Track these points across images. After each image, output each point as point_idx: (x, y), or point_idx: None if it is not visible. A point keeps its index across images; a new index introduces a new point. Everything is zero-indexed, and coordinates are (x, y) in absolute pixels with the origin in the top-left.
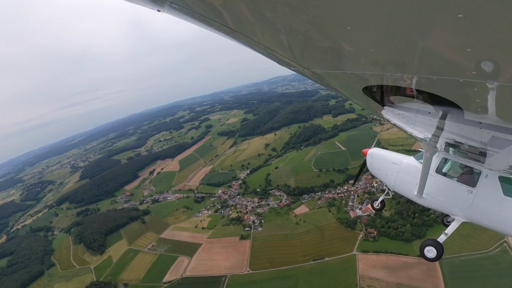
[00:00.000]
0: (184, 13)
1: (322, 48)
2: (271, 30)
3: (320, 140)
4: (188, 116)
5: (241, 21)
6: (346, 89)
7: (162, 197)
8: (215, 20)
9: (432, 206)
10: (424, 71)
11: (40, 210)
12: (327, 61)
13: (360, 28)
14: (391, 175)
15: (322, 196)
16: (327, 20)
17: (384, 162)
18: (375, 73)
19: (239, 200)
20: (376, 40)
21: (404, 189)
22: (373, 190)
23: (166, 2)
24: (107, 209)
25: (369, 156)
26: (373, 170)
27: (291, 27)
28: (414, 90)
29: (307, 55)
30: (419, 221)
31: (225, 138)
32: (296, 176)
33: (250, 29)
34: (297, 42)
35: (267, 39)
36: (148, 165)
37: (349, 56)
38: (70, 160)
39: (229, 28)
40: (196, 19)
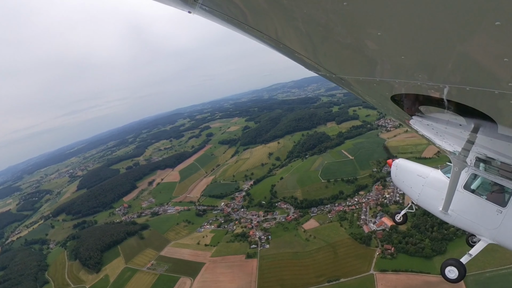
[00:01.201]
0: (214, 14)
1: (351, 54)
2: (300, 35)
3: (326, 148)
4: (188, 124)
5: (270, 24)
6: (374, 96)
7: (162, 209)
8: (244, 22)
9: (457, 224)
10: (457, 80)
11: (36, 221)
12: (355, 67)
13: (390, 34)
14: (416, 188)
15: (332, 209)
16: (357, 25)
17: (409, 174)
18: (405, 81)
19: (243, 214)
20: (407, 47)
21: (429, 204)
22: (385, 201)
23: (196, 4)
24: (105, 221)
25: (394, 167)
26: (397, 182)
27: (320, 32)
28: (445, 100)
29: (335, 61)
30: (438, 235)
31: (227, 146)
32: (303, 187)
33: (279, 33)
34: (325, 47)
35: (295, 43)
36: (147, 175)
37: (379, 63)
38: (68, 169)
39: (258, 31)
40: (226, 21)
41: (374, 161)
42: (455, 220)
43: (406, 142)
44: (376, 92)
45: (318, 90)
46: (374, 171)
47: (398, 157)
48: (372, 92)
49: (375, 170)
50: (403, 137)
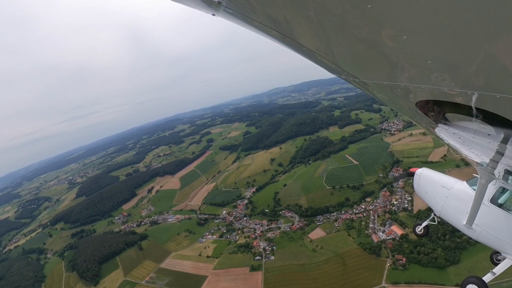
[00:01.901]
0: (238, 17)
1: (375, 58)
2: (322, 38)
3: (329, 153)
4: (188, 130)
5: (293, 28)
6: (398, 102)
7: (161, 218)
8: (268, 25)
9: (481, 240)
10: (487, 87)
11: (34, 229)
12: (379, 72)
13: (417, 38)
14: (439, 200)
15: (339, 217)
16: (381, 28)
17: (433, 184)
18: (431, 87)
19: (246, 223)
20: (434, 51)
21: (452, 216)
22: (393, 208)
23: (220, 6)
24: (103, 230)
25: (417, 176)
26: (420, 192)
27: (343, 35)
28: (474, 108)
29: (359, 64)
30: (451, 244)
31: (227, 152)
32: (307, 194)
33: (302, 36)
34: (349, 51)
35: (318, 47)
36: (146, 182)
37: (404, 68)
38: (68, 176)
39: (281, 34)
40: (249, 23)
41: (379, 166)
42: (480, 236)
43: (411, 146)
44: (401, 98)
45: (318, 94)
46: (380, 177)
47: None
48: (397, 97)
49: (381, 176)
50: (408, 140)
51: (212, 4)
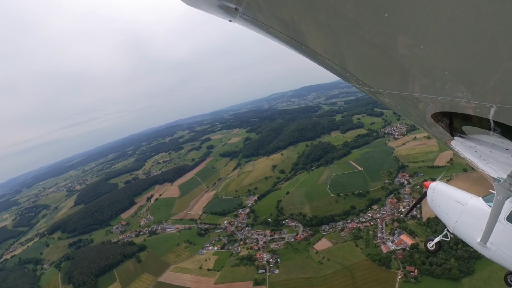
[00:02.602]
0: (254, 24)
1: (390, 68)
2: (338, 46)
3: (332, 159)
4: (188, 136)
5: (309, 35)
6: (413, 113)
7: (160, 228)
8: (283, 32)
9: (496, 259)
10: (506, 100)
11: (32, 238)
12: (394, 82)
13: (434, 48)
14: (452, 215)
15: (345, 227)
16: (398, 38)
17: (447, 199)
18: (448, 99)
19: (248, 233)
20: (452, 62)
21: (466, 233)
22: (401, 216)
23: (237, 13)
24: (101, 240)
25: (431, 190)
26: (433, 207)
27: (360, 45)
28: (491, 121)
29: (374, 74)
30: (464, 254)
31: (228, 159)
32: (311, 202)
33: (317, 44)
34: (364, 60)
35: (333, 55)
36: (145, 190)
37: (420, 78)
38: (67, 183)
39: (297, 42)
40: (265, 31)
41: (385, 172)
42: (494, 255)
43: (416, 150)
44: (416, 109)
45: (318, 98)
46: (386, 183)
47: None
48: (412, 108)
49: (387, 182)
50: (412, 145)
51: (229, 10)
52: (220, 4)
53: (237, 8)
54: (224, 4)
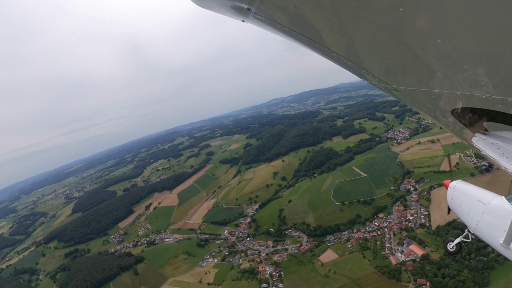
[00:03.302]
0: (267, 23)
1: (407, 63)
2: (353, 43)
3: (335, 165)
4: (187, 143)
5: (323, 33)
6: (432, 110)
7: (159, 238)
8: (296, 31)
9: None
10: None
11: (28, 247)
12: (412, 78)
13: (452, 41)
14: (474, 215)
15: (351, 237)
16: (414, 32)
17: (468, 198)
18: (468, 94)
19: (249, 244)
20: (471, 55)
21: (488, 234)
22: (410, 225)
23: (250, 13)
24: (98, 250)
25: (451, 189)
26: (454, 206)
27: (374, 40)
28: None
29: (390, 70)
30: (478, 264)
31: (228, 166)
32: (315, 211)
33: (331, 41)
34: (380, 56)
35: (348, 52)
36: (144, 198)
37: (439, 73)
38: (65, 190)
39: (310, 39)
40: (278, 30)
41: (390, 178)
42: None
43: (420, 155)
44: (435, 105)
45: (318, 103)
46: (392, 190)
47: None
48: (431, 105)
49: (393, 189)
50: (417, 149)
51: (241, 10)
52: (232, 5)
53: (250, 8)
54: (236, 5)
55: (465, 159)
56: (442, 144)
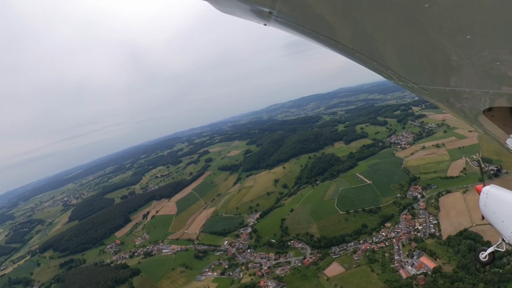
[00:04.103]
0: (289, 26)
1: (434, 62)
2: (377, 43)
3: (338, 172)
4: (186, 149)
5: (346, 34)
6: (462, 110)
7: (156, 248)
8: (320, 33)
9: None
10: None
11: (24, 256)
12: (440, 77)
13: (483, 37)
14: (509, 223)
15: (357, 248)
16: (441, 29)
17: (503, 204)
18: (501, 93)
19: (250, 256)
20: (503, 51)
21: None
22: (419, 235)
23: (271, 16)
24: (94, 261)
25: (484, 195)
26: (487, 213)
27: (400, 40)
28: None
29: (417, 70)
30: (494, 277)
31: (228, 173)
32: (318, 221)
33: (355, 42)
34: (406, 55)
35: (373, 52)
36: (142, 206)
37: (468, 71)
38: (63, 196)
39: (334, 41)
40: (300, 32)
41: (395, 185)
42: None
43: (426, 160)
44: (466, 105)
45: (318, 108)
46: (398, 197)
47: (490, 184)
48: (461, 105)
49: (399, 196)
50: (422, 154)
51: (263, 14)
52: (254, 9)
53: (271, 11)
54: (257, 9)
55: (472, 164)
56: (447, 149)
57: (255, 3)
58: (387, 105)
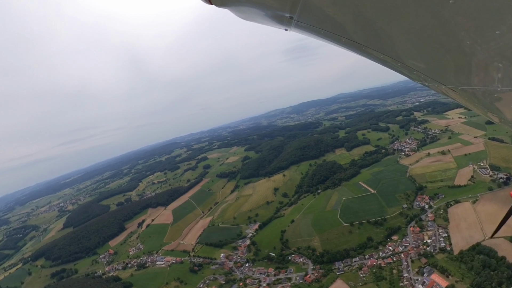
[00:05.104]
0: (310, 30)
1: (463, 60)
2: (403, 44)
3: (340, 181)
4: (185, 155)
5: (371, 35)
6: (496, 110)
7: (150, 260)
8: (342, 35)
9: None
10: None
11: (16, 264)
12: (469, 76)
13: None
14: None
15: (363, 264)
16: (468, 25)
17: None
18: None
19: (248, 271)
20: None
21: None
22: (429, 249)
23: (292, 21)
24: (86, 271)
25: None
26: None
27: (426, 39)
28: None
29: (445, 70)
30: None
31: (225, 180)
32: (320, 233)
33: (380, 44)
34: (432, 55)
35: (398, 54)
36: (137, 214)
37: (499, 69)
38: (60, 202)
39: (357, 43)
40: (322, 35)
41: (401, 194)
42: None
43: (432, 168)
44: (498, 106)
45: (318, 114)
46: (405, 208)
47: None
48: (492, 105)
49: (406, 207)
50: (427, 162)
51: (284, 19)
52: (275, 15)
53: (291, 16)
54: (278, 14)
55: (480, 171)
56: (453, 156)
57: (275, 9)
58: (388, 110)
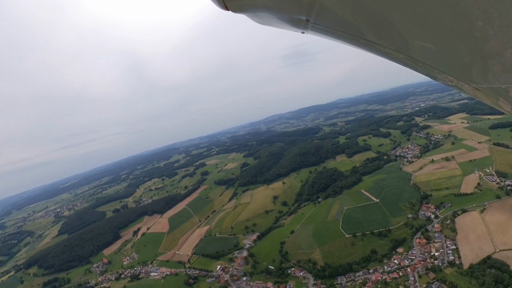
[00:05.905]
0: (327, 32)
1: (489, 58)
2: (425, 43)
3: (341, 188)
4: (183, 161)
5: (390, 36)
6: None
7: (144, 271)
8: (360, 36)
9: None
10: None
11: (8, 271)
12: (496, 74)
13: None
14: None
15: (367, 279)
16: (494, 19)
17: None
18: None
19: (246, 285)
20: None
21: None
22: (436, 263)
23: (309, 24)
24: (78, 281)
25: None
26: None
27: (448, 37)
28: None
29: (470, 68)
30: None
31: (223, 187)
32: (322, 245)
33: (401, 44)
34: (456, 53)
35: (420, 53)
36: (133, 222)
37: None
38: (56, 207)
39: (375, 44)
40: (339, 37)
41: (405, 203)
42: None
43: (436, 175)
44: None
45: (317, 119)
46: (410, 218)
47: None
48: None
49: (411, 217)
50: (431, 168)
51: (300, 23)
52: (291, 18)
53: (308, 19)
54: (294, 18)
55: (486, 178)
56: (458, 162)
57: (292, 12)
58: (388, 115)
